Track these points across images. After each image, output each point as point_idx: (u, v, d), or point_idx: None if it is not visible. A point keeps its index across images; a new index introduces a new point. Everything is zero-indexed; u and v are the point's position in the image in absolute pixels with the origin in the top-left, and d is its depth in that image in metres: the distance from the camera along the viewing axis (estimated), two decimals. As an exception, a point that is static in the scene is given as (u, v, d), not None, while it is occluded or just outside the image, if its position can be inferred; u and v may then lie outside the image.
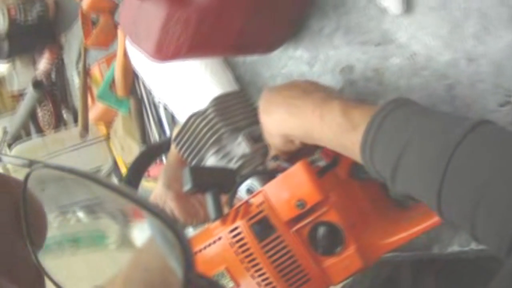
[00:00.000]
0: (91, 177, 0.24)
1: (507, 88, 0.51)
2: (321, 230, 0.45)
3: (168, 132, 0.92)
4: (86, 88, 0.98)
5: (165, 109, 0.90)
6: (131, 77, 0.95)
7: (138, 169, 0.62)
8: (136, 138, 1.00)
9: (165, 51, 0.49)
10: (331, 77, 0.61)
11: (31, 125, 1.24)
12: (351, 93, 0.59)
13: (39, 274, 0.26)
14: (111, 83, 0.96)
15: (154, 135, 0.96)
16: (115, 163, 1.15)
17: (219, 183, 0.49)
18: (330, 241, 0.45)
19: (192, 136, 0.57)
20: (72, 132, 1.05)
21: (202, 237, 0.50)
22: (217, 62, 0.69)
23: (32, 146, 0.97)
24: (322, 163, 0.47)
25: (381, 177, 0.40)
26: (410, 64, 0.54)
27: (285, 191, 0.45)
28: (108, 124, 1.10)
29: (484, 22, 0.49)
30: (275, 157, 0.52)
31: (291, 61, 0.65)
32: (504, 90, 0.51)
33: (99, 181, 0.24)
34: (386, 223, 0.49)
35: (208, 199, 0.48)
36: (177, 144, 0.59)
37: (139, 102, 0.97)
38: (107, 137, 1.12)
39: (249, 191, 0.53)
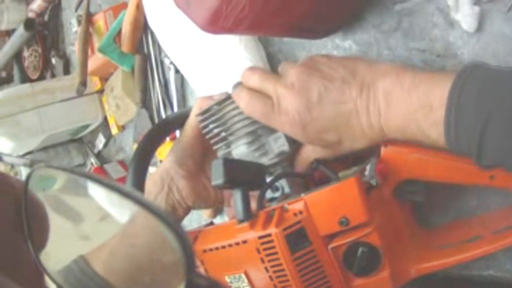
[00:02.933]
0: (92, 177, 0.24)
1: None
2: (361, 251, 0.43)
3: (174, 97, 0.86)
4: (87, 39, 0.90)
5: (176, 72, 0.83)
6: (140, 32, 0.88)
7: (151, 143, 0.56)
8: (135, 99, 0.93)
9: (222, 23, 0.43)
10: (379, 75, 0.57)
11: (15, 67, 1.14)
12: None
13: (41, 273, 0.26)
14: (116, 36, 0.89)
15: (157, 98, 0.90)
16: (104, 121, 1.08)
17: (250, 180, 0.45)
18: (368, 263, 0.43)
19: (225, 118, 0.51)
20: (64, 83, 0.97)
21: (221, 234, 0.47)
22: (252, 36, 0.64)
23: (19, 94, 0.88)
24: (373, 181, 0.43)
25: (464, 152, 0.37)
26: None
27: (330, 204, 0.42)
28: (104, 78, 1.03)
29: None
30: (317, 162, 0.47)
31: (336, 51, 0.60)
32: None
33: (101, 181, 0.24)
34: (418, 247, 0.48)
35: (237, 196, 0.44)
36: (204, 121, 0.53)
37: (145, 60, 0.90)
38: (100, 93, 1.04)
39: (275, 188, 0.50)
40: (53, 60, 1.09)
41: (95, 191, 0.25)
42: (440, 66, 0.52)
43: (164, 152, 0.89)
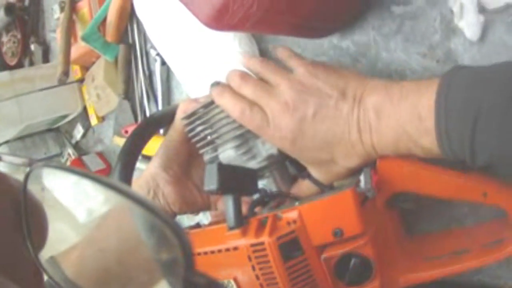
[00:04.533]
0: (90, 176, 0.24)
1: None
2: (353, 262, 0.42)
3: (159, 89, 0.83)
4: (71, 26, 0.86)
5: (163, 64, 0.80)
6: (125, 21, 0.84)
7: (138, 141, 0.53)
8: (117, 90, 0.89)
9: (227, 20, 0.41)
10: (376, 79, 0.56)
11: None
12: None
13: (40, 273, 0.26)
14: (100, 24, 0.85)
15: (140, 90, 0.87)
16: (84, 111, 1.04)
17: (242, 186, 0.44)
18: (360, 273, 0.43)
19: (212, 121, 0.49)
20: (44, 71, 0.92)
21: (210, 239, 0.45)
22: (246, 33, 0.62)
23: (-2, 81, 0.83)
24: (370, 194, 0.43)
25: (458, 157, 0.37)
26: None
27: (324, 215, 0.42)
28: (84, 67, 0.99)
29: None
30: (307, 175, 0.47)
31: (333, 51, 0.59)
32: None
33: (99, 180, 0.24)
34: (407, 257, 0.48)
35: (229, 202, 0.43)
36: (189, 124, 0.51)
37: (129, 51, 0.86)
38: (80, 82, 1.00)
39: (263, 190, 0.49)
40: (32, 47, 1.03)
41: (93, 190, 0.25)
42: (439, 72, 0.52)
43: (151, 148, 0.86)
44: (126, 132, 0.89)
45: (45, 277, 0.27)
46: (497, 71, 0.36)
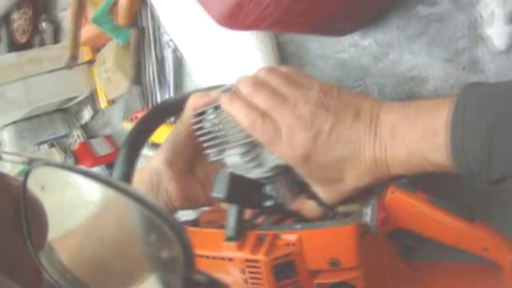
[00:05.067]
0: (90, 175, 0.24)
1: None
2: None
3: (170, 76, 0.80)
4: (81, 8, 0.83)
5: (174, 52, 0.78)
6: (137, 4, 0.81)
7: (146, 127, 0.51)
8: (128, 74, 0.87)
9: (242, 19, 0.39)
10: (395, 81, 0.53)
11: (3, 28, 1.06)
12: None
13: (39, 272, 0.26)
14: (112, 6, 0.82)
15: (151, 76, 0.84)
16: (93, 93, 1.02)
17: (248, 199, 0.44)
18: None
19: (221, 124, 0.47)
20: (53, 52, 0.90)
21: (206, 243, 0.45)
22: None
23: (6, 63, 0.81)
24: (373, 228, 0.42)
25: (473, 171, 0.36)
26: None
27: (324, 244, 0.41)
28: (95, 49, 0.96)
29: None
30: (313, 196, 0.45)
31: (353, 48, 0.56)
32: None
33: (99, 178, 0.23)
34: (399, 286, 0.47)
35: (232, 212, 0.43)
36: (198, 123, 0.49)
37: (141, 35, 0.83)
38: (90, 64, 0.98)
39: (268, 197, 0.50)
40: (43, 25, 1.01)
41: (93, 189, 0.25)
42: (464, 80, 0.49)
43: (161, 135, 0.84)
44: (136, 118, 0.87)
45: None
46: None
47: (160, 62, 0.83)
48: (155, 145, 0.88)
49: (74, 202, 0.27)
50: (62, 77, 0.90)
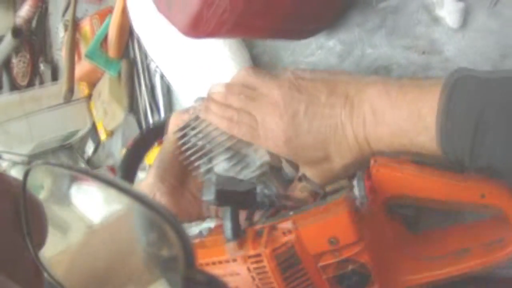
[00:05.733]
0: (90, 173, 0.24)
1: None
2: (350, 269, 0.42)
3: (161, 102, 0.84)
4: (74, 45, 0.88)
5: (162, 77, 0.82)
6: (126, 37, 0.87)
7: (137, 151, 0.55)
8: (122, 104, 0.92)
9: (203, 27, 0.42)
10: (363, 74, 0.56)
11: (4, 75, 1.12)
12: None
13: (39, 272, 0.26)
14: (103, 41, 0.87)
15: (144, 103, 0.89)
16: (93, 127, 1.06)
17: (241, 199, 0.45)
18: (358, 279, 0.43)
19: (202, 134, 0.50)
20: (51, 90, 0.95)
21: (209, 250, 0.46)
22: (236, 38, 0.63)
23: (8, 102, 0.86)
24: (363, 200, 0.42)
25: (457, 156, 0.36)
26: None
27: (319, 225, 0.41)
28: (91, 84, 1.01)
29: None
30: (303, 177, 0.46)
31: (320, 51, 0.59)
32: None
33: (98, 177, 0.24)
34: (407, 258, 0.47)
35: (226, 215, 0.44)
36: (182, 138, 0.52)
37: (131, 65, 0.88)
38: (88, 98, 1.03)
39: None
40: (41, 66, 1.07)
41: (93, 187, 0.25)
42: (425, 64, 0.51)
43: (153, 156, 0.88)
44: (132, 144, 0.91)
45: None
46: (502, 77, 0.36)
47: (151, 90, 0.87)
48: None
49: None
50: (62, 112, 0.95)
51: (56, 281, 0.27)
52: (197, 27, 0.42)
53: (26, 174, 0.26)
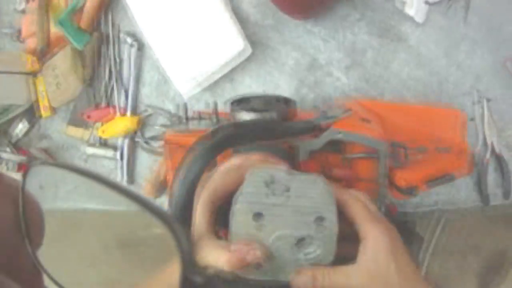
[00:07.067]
0: (91, 174, 0.24)
1: (481, 91, 0.67)
2: None
3: (128, 76, 0.89)
4: (47, 9, 0.90)
5: (138, 49, 0.87)
6: (101, 10, 0.91)
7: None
8: (81, 77, 0.93)
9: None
10: (343, 55, 0.71)
11: None
12: (358, 72, 0.70)
13: (38, 271, 0.26)
14: (75, 12, 0.90)
15: (107, 77, 0.92)
16: (34, 104, 1.03)
17: None
18: None
19: None
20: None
21: None
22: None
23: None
24: None
25: None
26: (414, 61, 0.68)
27: None
28: (41, 60, 1.00)
29: (475, 46, 0.65)
30: None
31: (306, 35, 0.73)
32: (478, 92, 0.67)
33: (101, 179, 0.24)
34: None
35: None
36: None
37: (101, 39, 0.92)
38: (34, 75, 1.01)
39: None
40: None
41: (90, 187, 0.24)
42: (394, 49, 0.68)
43: (110, 129, 0.90)
44: (88, 117, 0.93)
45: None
46: None
47: (119, 64, 0.91)
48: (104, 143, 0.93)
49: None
50: (2, 82, 0.93)
51: (54, 280, 0.27)
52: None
53: (25, 175, 0.25)
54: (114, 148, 0.91)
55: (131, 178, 0.87)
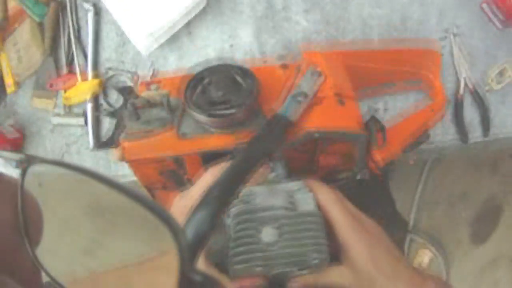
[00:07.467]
0: (90, 172, 0.24)
1: (446, 27, 0.64)
2: None
3: (90, 44, 0.85)
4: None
5: (96, 14, 0.84)
6: (56, -21, 0.88)
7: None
8: (42, 48, 0.90)
9: None
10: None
11: None
12: (318, 14, 0.66)
13: (37, 269, 0.26)
14: (31, -18, 0.87)
15: (66, 47, 0.88)
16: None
17: None
18: None
19: None
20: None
21: None
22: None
23: None
24: None
25: None
26: (375, 1, 0.64)
27: None
28: (2, 35, 0.97)
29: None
30: None
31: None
32: (443, 28, 0.64)
33: (99, 177, 0.23)
34: None
35: None
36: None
37: (58, 8, 0.89)
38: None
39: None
40: None
41: (89, 185, 0.24)
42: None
43: (73, 95, 0.87)
44: (51, 85, 0.90)
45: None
46: None
47: (78, 31, 0.88)
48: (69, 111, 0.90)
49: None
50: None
51: (53, 279, 0.27)
52: None
53: (23, 174, 0.25)
54: (80, 115, 0.87)
55: (98, 142, 0.84)
